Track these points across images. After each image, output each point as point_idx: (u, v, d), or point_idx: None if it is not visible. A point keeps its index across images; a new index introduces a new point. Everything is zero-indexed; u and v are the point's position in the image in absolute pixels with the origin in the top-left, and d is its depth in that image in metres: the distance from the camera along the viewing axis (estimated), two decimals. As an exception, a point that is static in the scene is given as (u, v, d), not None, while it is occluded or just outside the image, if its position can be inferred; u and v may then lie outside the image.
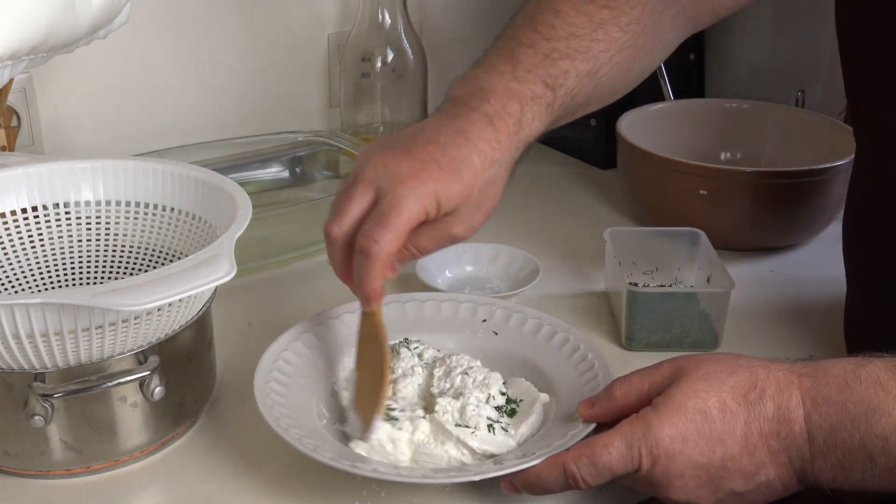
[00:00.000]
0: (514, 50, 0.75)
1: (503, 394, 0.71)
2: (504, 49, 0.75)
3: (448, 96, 0.75)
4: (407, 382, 0.72)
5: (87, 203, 0.78)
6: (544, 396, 0.72)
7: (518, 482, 0.64)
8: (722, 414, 0.60)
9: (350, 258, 0.70)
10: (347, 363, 0.77)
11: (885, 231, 0.74)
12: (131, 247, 0.79)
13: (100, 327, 0.62)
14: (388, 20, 1.12)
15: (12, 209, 0.76)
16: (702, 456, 0.60)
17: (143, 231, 0.79)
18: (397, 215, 0.67)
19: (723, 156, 1.16)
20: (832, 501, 0.62)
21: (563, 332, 0.78)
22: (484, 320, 0.81)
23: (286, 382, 0.72)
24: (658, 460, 0.60)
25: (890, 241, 0.73)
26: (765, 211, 0.99)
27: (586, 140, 1.27)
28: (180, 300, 0.65)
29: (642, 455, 0.60)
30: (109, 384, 0.65)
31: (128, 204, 0.78)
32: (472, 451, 0.67)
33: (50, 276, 0.78)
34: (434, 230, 0.71)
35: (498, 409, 0.70)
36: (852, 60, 0.75)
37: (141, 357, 0.66)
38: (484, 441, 0.67)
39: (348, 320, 0.79)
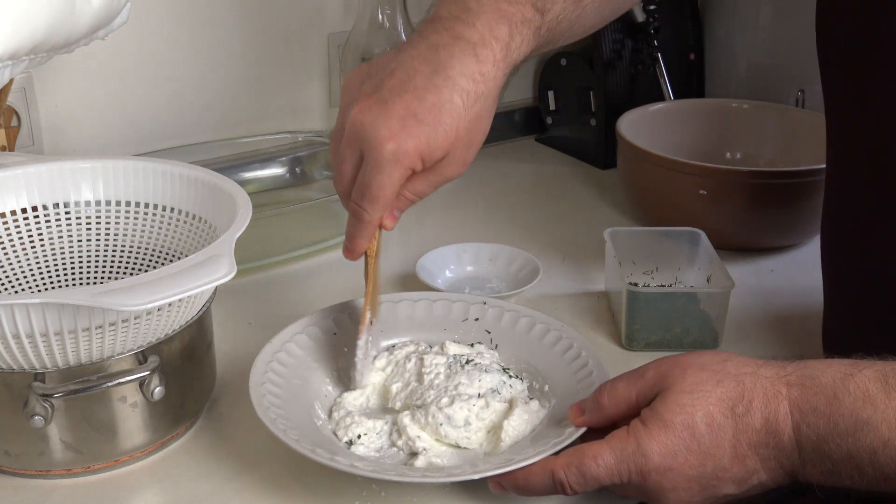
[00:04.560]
0: None
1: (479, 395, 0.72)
2: None
3: (430, 14, 0.71)
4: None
5: (87, 203, 0.78)
6: (534, 404, 0.72)
7: (506, 483, 0.64)
8: (709, 428, 0.60)
9: None
10: (341, 363, 0.77)
11: (860, 242, 0.73)
12: (131, 247, 0.79)
13: (100, 327, 0.62)
14: (388, 20, 1.12)
15: (12, 209, 0.76)
16: (692, 470, 0.60)
17: (143, 231, 0.79)
18: (379, 187, 0.67)
19: (723, 156, 1.16)
20: (832, 501, 0.62)
21: (555, 329, 0.78)
22: (476, 319, 0.81)
23: (281, 384, 0.72)
24: (648, 476, 0.60)
25: (866, 251, 0.72)
26: (765, 211, 0.99)
27: (586, 140, 1.27)
28: (180, 300, 0.65)
29: (631, 471, 0.61)
30: (109, 384, 0.65)
31: (128, 204, 0.78)
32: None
33: (50, 276, 0.78)
34: (428, 176, 0.70)
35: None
36: (829, 63, 0.74)
37: (141, 357, 0.66)
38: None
39: (341, 321, 0.79)
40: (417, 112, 0.66)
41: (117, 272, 0.79)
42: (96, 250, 0.79)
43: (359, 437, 0.70)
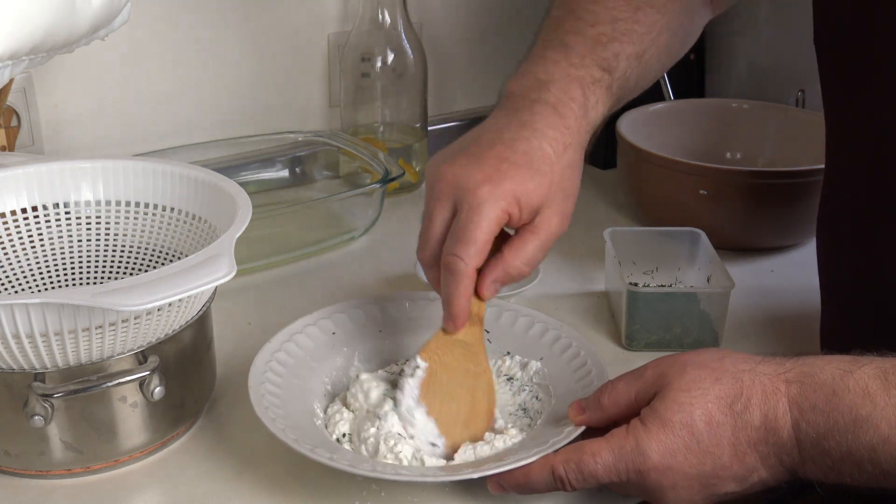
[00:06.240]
0: (563, 38, 0.74)
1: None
2: (551, 40, 0.74)
3: (503, 94, 0.74)
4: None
5: (87, 203, 0.78)
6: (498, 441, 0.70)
7: (506, 481, 0.64)
8: (708, 427, 0.60)
9: None
10: (339, 362, 0.77)
11: (858, 244, 0.73)
12: (131, 247, 0.79)
13: (100, 327, 0.62)
14: (388, 20, 1.12)
15: (12, 209, 0.76)
16: (692, 468, 0.60)
17: (143, 231, 0.79)
18: (476, 226, 0.66)
19: (723, 156, 1.16)
20: (832, 500, 0.62)
21: (554, 329, 0.78)
22: None
23: (280, 383, 0.72)
24: (647, 475, 0.61)
25: (862, 251, 0.72)
26: (765, 211, 0.99)
27: (586, 140, 1.27)
28: (180, 300, 0.65)
29: (629, 469, 0.61)
30: (109, 384, 0.65)
31: (128, 204, 0.78)
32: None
33: (50, 276, 0.78)
34: (534, 235, 0.69)
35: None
36: (826, 62, 0.74)
37: (141, 357, 0.66)
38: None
39: (340, 321, 0.79)
40: (509, 158, 0.68)
41: (117, 272, 0.79)
42: (96, 250, 0.79)
43: (344, 435, 0.70)
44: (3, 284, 0.77)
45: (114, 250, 0.79)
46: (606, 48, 0.74)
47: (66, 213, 0.78)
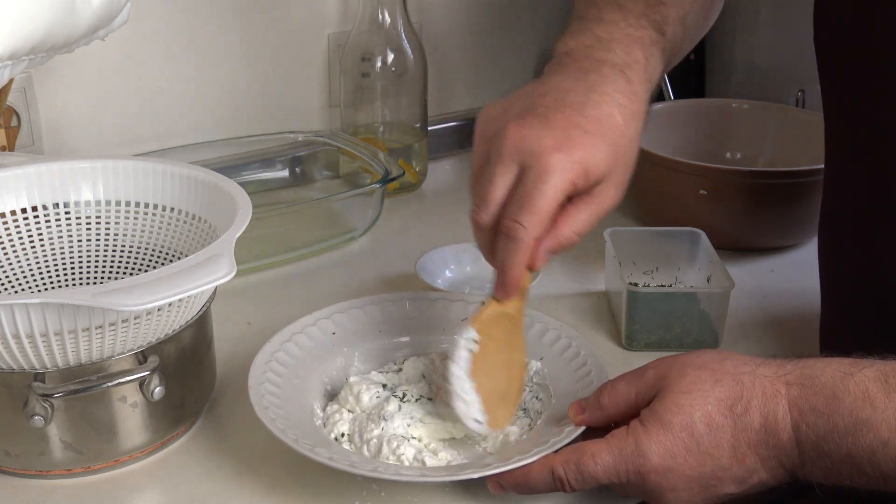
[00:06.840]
0: None
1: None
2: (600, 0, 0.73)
3: (560, 51, 0.71)
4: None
5: (87, 203, 0.78)
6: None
7: (506, 481, 0.64)
8: (708, 429, 0.60)
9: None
10: (339, 362, 0.77)
11: (859, 244, 0.73)
12: (131, 247, 0.79)
13: (100, 327, 0.62)
14: (388, 20, 1.12)
15: (12, 209, 0.76)
16: (691, 470, 0.60)
17: (143, 231, 0.79)
18: (543, 196, 0.63)
19: (723, 156, 1.16)
20: (832, 502, 0.62)
21: (554, 329, 0.78)
22: None
23: (280, 383, 0.72)
24: (647, 477, 0.61)
25: (863, 251, 0.72)
26: (765, 211, 0.99)
27: (586, 140, 1.27)
28: (180, 300, 0.65)
29: (629, 471, 0.61)
30: (109, 384, 0.65)
31: (128, 204, 0.78)
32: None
33: (50, 276, 0.78)
34: (588, 205, 0.66)
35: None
36: (827, 63, 0.74)
37: (141, 357, 0.66)
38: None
39: (340, 321, 0.79)
40: (581, 124, 0.65)
41: (117, 272, 0.79)
42: (96, 250, 0.79)
43: (343, 434, 0.70)
44: (3, 284, 0.77)
45: (114, 250, 0.79)
46: (656, 10, 0.72)
47: (66, 213, 0.78)
